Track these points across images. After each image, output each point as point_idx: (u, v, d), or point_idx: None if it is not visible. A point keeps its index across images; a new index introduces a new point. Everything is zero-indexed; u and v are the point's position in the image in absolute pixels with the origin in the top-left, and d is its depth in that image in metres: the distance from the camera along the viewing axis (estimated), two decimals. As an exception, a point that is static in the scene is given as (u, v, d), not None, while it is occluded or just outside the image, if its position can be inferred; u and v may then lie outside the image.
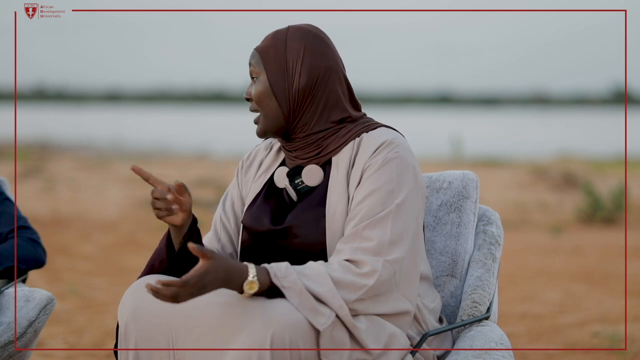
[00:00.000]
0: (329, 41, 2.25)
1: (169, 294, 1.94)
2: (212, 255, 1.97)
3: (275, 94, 2.21)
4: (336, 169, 2.20)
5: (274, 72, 2.21)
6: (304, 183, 2.23)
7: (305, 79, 2.19)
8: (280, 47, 2.21)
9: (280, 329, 1.96)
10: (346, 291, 2.03)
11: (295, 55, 2.20)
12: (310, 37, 2.22)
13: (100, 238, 7.93)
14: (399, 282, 2.10)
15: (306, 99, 2.20)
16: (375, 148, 2.17)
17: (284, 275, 2.02)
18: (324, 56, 2.21)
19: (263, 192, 2.29)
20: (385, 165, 2.14)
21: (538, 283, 6.20)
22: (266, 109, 2.22)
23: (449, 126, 25.25)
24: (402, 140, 2.20)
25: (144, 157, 17.07)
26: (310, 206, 2.20)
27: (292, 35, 2.22)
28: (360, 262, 2.07)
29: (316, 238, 2.16)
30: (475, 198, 2.50)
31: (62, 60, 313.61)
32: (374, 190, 2.13)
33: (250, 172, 2.36)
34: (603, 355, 4.31)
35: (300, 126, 2.22)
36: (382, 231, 2.09)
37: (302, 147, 2.23)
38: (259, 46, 2.24)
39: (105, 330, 4.71)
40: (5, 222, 2.95)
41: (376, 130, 2.22)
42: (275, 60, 2.21)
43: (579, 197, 10.26)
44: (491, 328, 2.32)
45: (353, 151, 2.20)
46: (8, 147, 16.83)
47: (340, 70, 2.24)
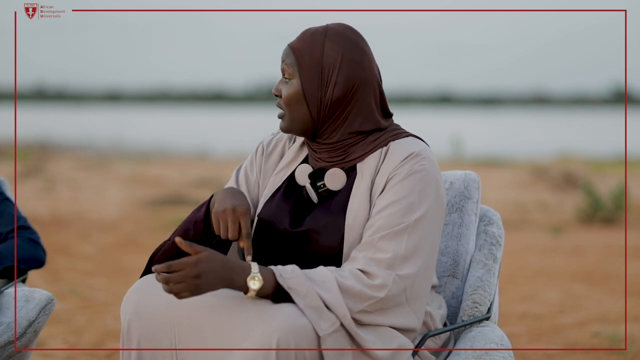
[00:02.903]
0: (367, 48, 2.19)
1: (160, 279, 1.95)
2: (205, 248, 1.97)
3: (307, 101, 2.16)
4: (361, 175, 2.17)
5: (308, 79, 2.15)
6: (325, 186, 2.20)
7: (340, 90, 2.15)
8: (317, 52, 2.15)
9: (286, 334, 1.95)
10: (352, 300, 2.02)
11: (332, 64, 2.14)
12: (349, 45, 2.16)
13: (100, 238, 7.93)
14: (410, 297, 2.08)
15: (338, 108, 2.16)
16: (402, 158, 2.14)
17: (290, 277, 2.01)
18: (360, 66, 2.16)
19: (283, 188, 2.25)
20: (410, 177, 2.12)
21: (538, 283, 6.20)
22: (294, 113, 2.17)
23: (449, 126, 25.21)
24: (428, 153, 2.17)
25: (144, 157, 17.06)
26: (330, 211, 2.17)
27: (330, 40, 2.15)
28: (372, 274, 2.05)
29: (333, 244, 2.14)
30: (477, 198, 2.50)
31: (62, 60, 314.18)
32: (395, 201, 2.11)
33: (271, 161, 2.31)
34: (603, 355, 4.31)
35: (328, 133, 2.18)
36: (397, 245, 2.07)
37: (328, 151, 2.20)
38: (295, 45, 2.18)
39: (105, 330, 4.71)
40: (5, 222, 2.95)
41: (404, 139, 2.19)
42: (310, 66, 2.15)
43: (579, 197, 10.26)
44: (492, 328, 2.32)
45: (380, 159, 2.17)
46: (8, 147, 16.82)
47: (376, 79, 2.19)
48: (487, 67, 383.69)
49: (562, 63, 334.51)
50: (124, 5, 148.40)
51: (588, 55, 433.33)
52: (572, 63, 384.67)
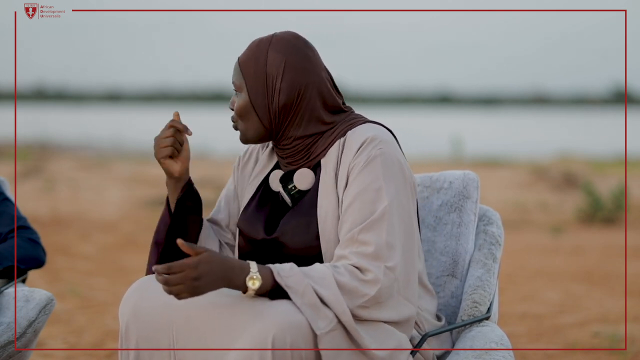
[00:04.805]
0: (312, 53, 2.21)
1: (160, 280, 1.95)
2: (205, 249, 1.98)
3: (255, 110, 2.19)
4: (325, 170, 2.18)
5: (254, 89, 2.19)
6: (297, 188, 2.22)
7: (285, 97, 2.17)
8: (261, 61, 2.19)
9: (282, 331, 1.95)
10: (349, 297, 2.03)
11: (275, 71, 2.17)
12: (292, 51, 2.18)
13: (100, 238, 7.93)
14: (400, 286, 2.09)
15: (287, 115, 2.18)
16: (358, 146, 2.14)
17: (288, 275, 2.01)
18: (304, 71, 2.18)
19: (257, 196, 2.28)
20: (370, 164, 2.12)
21: (538, 283, 6.20)
22: (247, 124, 2.21)
23: (448, 126, 25.21)
24: (385, 135, 2.17)
25: (144, 157, 17.06)
26: (301, 212, 2.18)
27: (273, 49, 2.18)
28: (363, 269, 2.06)
29: (309, 243, 2.15)
30: (476, 198, 2.50)
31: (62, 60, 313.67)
32: (362, 190, 2.11)
33: (247, 169, 2.35)
34: (603, 355, 4.31)
35: (285, 137, 2.21)
36: (378, 234, 2.07)
37: (292, 154, 2.22)
38: (241, 58, 2.22)
39: (105, 330, 4.71)
40: (4, 222, 2.95)
41: (360, 127, 2.19)
42: (255, 76, 2.19)
43: (579, 197, 10.26)
44: (491, 328, 2.32)
45: (339, 151, 2.18)
46: (8, 147, 16.81)
47: (323, 82, 2.20)
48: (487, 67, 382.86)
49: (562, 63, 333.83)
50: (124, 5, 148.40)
51: (588, 55, 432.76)
52: (572, 63, 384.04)
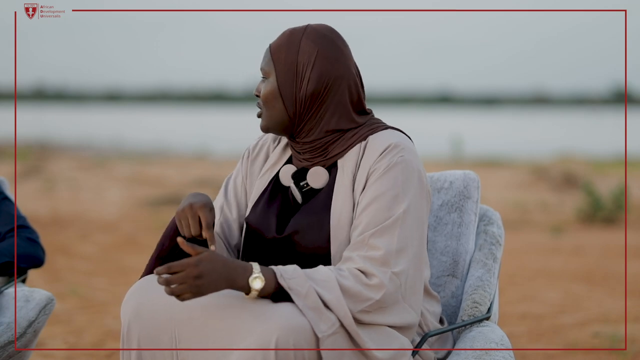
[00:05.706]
0: (344, 47, 2.20)
1: (161, 281, 1.95)
2: (206, 249, 1.98)
3: (282, 97, 2.17)
4: (342, 172, 2.18)
5: (283, 75, 2.17)
6: (309, 185, 2.21)
7: (313, 86, 2.16)
8: (293, 49, 2.17)
9: (285, 333, 1.95)
10: (352, 300, 2.02)
11: (307, 59, 2.16)
12: (325, 42, 2.18)
13: (100, 238, 7.93)
14: (405, 293, 2.09)
15: (313, 105, 2.17)
16: (380, 152, 2.14)
17: (291, 277, 2.01)
18: (335, 63, 2.17)
19: (268, 191, 2.26)
20: (390, 170, 2.12)
21: (538, 283, 6.20)
22: (271, 110, 2.19)
23: (449, 126, 25.22)
24: (407, 143, 2.17)
25: (144, 157, 17.06)
26: (314, 210, 2.17)
27: (307, 38, 2.17)
28: (369, 273, 2.05)
29: (320, 244, 2.14)
30: (477, 198, 2.50)
31: (62, 60, 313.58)
32: (379, 196, 2.11)
33: (257, 164, 2.33)
34: (603, 355, 4.31)
35: (306, 130, 2.19)
36: (389, 240, 2.07)
37: (309, 150, 2.21)
38: (273, 45, 2.20)
39: (105, 330, 4.71)
40: (4, 221, 2.95)
41: (382, 132, 2.19)
42: (285, 62, 2.17)
43: (579, 197, 10.26)
44: (492, 328, 2.32)
45: (359, 154, 2.17)
46: (8, 147, 16.81)
47: (353, 78, 2.19)
48: (487, 66, 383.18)
49: (562, 63, 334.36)
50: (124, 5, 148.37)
51: (588, 55, 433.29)
52: (572, 63, 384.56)
